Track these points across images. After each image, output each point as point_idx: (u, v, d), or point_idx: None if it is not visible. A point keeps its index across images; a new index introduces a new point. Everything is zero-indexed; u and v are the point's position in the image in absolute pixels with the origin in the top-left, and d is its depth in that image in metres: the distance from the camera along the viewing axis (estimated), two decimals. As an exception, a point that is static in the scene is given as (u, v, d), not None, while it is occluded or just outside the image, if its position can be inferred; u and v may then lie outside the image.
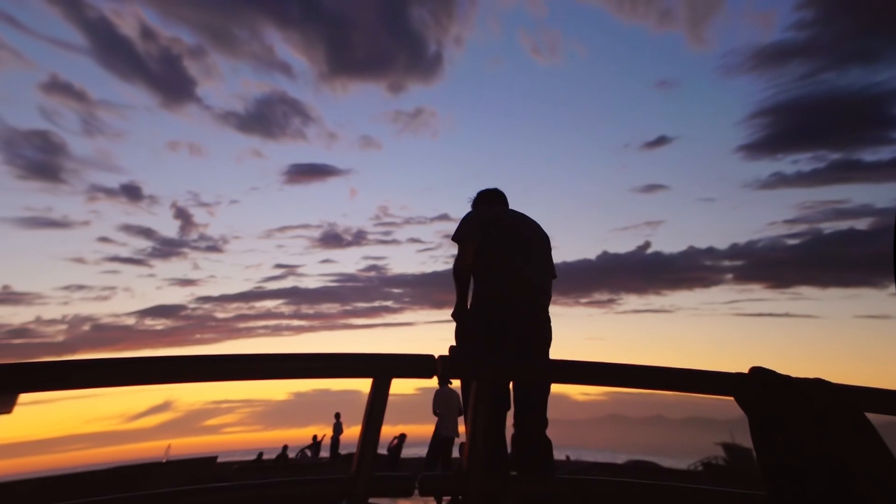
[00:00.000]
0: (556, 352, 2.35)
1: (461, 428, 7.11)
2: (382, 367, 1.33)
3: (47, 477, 9.65)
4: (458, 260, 2.55)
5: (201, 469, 11.84)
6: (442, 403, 7.38)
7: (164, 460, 13.08)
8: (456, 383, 6.28)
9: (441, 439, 7.44)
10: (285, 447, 17.33)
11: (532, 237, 2.63)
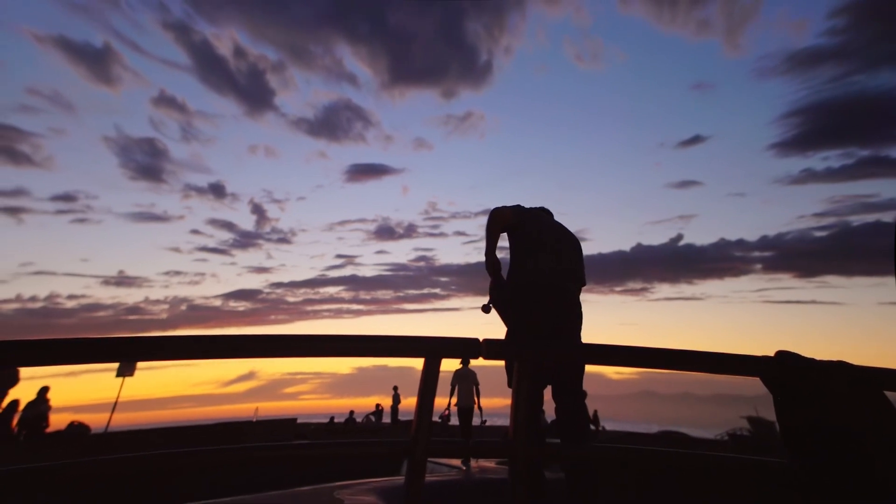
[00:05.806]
0: (592, 336, 2.28)
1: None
2: (433, 348, 1.35)
3: (177, 427, 10.72)
4: (496, 210, 2.56)
5: (285, 428, 12.72)
6: (459, 380, 8.21)
7: (254, 420, 14.16)
8: (472, 363, 7.51)
9: (460, 408, 8.27)
10: (352, 413, 18.07)
11: (565, 237, 2.56)
